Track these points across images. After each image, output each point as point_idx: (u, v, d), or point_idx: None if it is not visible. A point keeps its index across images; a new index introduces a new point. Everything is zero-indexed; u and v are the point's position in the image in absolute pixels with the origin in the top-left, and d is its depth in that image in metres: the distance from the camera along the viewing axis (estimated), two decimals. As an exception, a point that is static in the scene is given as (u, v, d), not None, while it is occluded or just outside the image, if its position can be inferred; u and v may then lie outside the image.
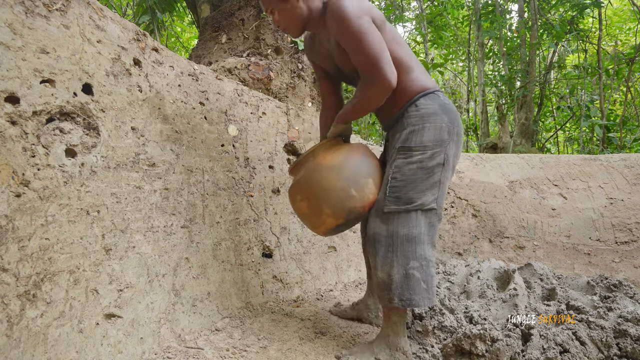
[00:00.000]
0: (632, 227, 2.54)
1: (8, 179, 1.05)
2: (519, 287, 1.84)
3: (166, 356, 1.36)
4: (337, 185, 1.43)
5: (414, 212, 1.40)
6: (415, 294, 1.38)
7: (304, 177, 1.51)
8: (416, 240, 1.39)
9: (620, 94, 7.26)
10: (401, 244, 1.39)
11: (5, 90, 1.06)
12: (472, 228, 2.96)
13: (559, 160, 3.08)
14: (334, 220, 1.47)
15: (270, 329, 1.68)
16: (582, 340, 1.44)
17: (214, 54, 2.70)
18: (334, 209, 1.44)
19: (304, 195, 1.50)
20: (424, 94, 1.47)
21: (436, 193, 1.42)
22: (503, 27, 6.63)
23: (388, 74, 1.36)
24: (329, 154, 1.51)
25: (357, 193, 1.44)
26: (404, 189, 1.41)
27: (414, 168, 1.41)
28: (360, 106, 1.48)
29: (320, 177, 1.46)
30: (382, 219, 1.42)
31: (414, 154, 1.42)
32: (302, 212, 1.53)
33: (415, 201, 1.39)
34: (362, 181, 1.45)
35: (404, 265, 1.38)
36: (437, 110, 1.44)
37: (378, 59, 1.36)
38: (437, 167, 1.42)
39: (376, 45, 1.36)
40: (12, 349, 1.02)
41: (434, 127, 1.43)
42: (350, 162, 1.47)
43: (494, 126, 9.19)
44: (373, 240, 1.44)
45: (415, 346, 1.56)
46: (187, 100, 1.74)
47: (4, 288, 1.02)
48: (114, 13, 1.48)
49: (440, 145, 1.42)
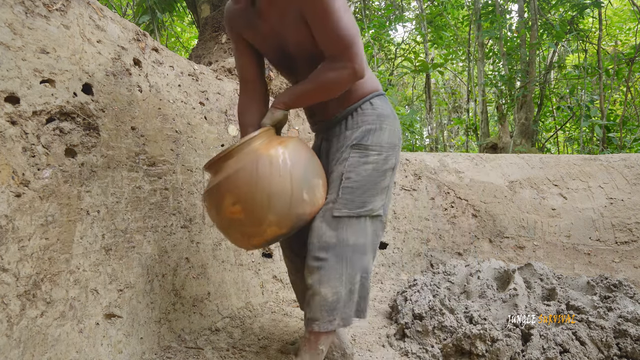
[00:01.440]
0: (632, 227, 2.54)
1: (8, 179, 1.05)
2: (519, 287, 1.84)
3: (166, 356, 1.36)
4: (287, 187, 1.16)
5: (363, 219, 1.26)
6: (352, 310, 1.26)
7: (239, 175, 1.16)
8: (363, 250, 1.26)
9: (620, 94, 7.26)
10: (351, 254, 1.23)
11: (5, 90, 1.06)
12: (472, 228, 2.96)
13: (559, 160, 3.08)
14: (278, 229, 1.18)
15: (270, 329, 1.68)
16: (582, 340, 1.44)
17: (214, 54, 2.70)
18: (280, 216, 1.16)
19: (238, 197, 1.16)
20: (377, 93, 1.37)
21: (384, 199, 1.32)
22: (503, 27, 6.63)
23: (361, 60, 1.21)
24: (273, 148, 1.19)
25: (308, 197, 1.20)
26: (357, 191, 1.26)
27: (369, 169, 1.28)
28: (319, 91, 1.26)
29: (265, 176, 1.15)
30: (331, 224, 1.22)
31: (371, 153, 1.29)
32: (232, 219, 1.18)
33: (367, 205, 1.26)
34: (314, 182, 1.22)
35: (350, 280, 1.23)
36: (391, 114, 1.37)
37: (354, 43, 1.19)
38: (388, 171, 1.32)
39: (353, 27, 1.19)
40: (12, 349, 1.02)
41: (389, 129, 1.34)
42: (300, 160, 1.21)
43: (494, 126, 9.19)
44: (318, 250, 1.22)
45: (416, 346, 1.56)
46: (187, 100, 1.74)
47: (4, 288, 1.02)
48: (114, 13, 1.48)
49: (393, 149, 1.34)
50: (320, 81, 1.24)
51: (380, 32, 6.27)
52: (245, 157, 1.18)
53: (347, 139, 1.32)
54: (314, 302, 1.22)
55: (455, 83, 10.97)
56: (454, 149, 10.14)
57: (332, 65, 1.21)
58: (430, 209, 3.03)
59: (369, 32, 6.27)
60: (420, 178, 3.06)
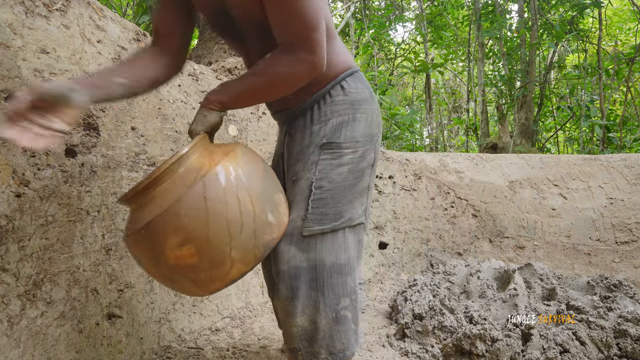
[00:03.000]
0: (632, 227, 2.54)
1: (8, 179, 1.05)
2: (519, 287, 1.84)
3: (166, 356, 1.36)
4: (249, 210, 0.90)
5: (341, 231, 1.03)
6: (348, 341, 1.03)
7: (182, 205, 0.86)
8: (346, 269, 1.03)
9: (620, 94, 7.26)
10: (329, 277, 1.00)
11: (5, 90, 1.06)
12: (472, 228, 2.96)
13: (559, 160, 3.08)
14: (243, 266, 0.93)
15: (270, 329, 1.68)
16: (582, 340, 1.44)
17: (214, 54, 2.70)
18: (245, 249, 0.90)
19: (187, 236, 0.86)
20: (350, 72, 1.10)
21: (365, 202, 1.09)
22: (503, 27, 6.63)
23: (322, 52, 0.96)
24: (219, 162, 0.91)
25: (274, 217, 0.96)
26: (331, 201, 1.02)
27: (344, 172, 1.04)
28: (268, 88, 1.01)
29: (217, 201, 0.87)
30: (300, 246, 1.00)
31: (345, 152, 1.05)
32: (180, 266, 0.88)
33: (344, 215, 1.03)
34: (276, 199, 0.98)
35: (333, 306, 1.00)
36: (368, 96, 1.11)
37: (315, 29, 0.93)
38: (367, 169, 1.09)
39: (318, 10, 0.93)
40: (12, 349, 1.02)
41: (364, 118, 1.09)
42: (255, 172, 0.97)
43: (494, 126, 9.19)
44: (288, 277, 1.00)
45: (416, 346, 1.56)
46: (187, 100, 1.74)
47: (4, 288, 1.02)
48: (114, 13, 1.48)
49: (370, 142, 1.09)
50: (270, 76, 0.98)
51: (380, 32, 6.27)
52: (185, 180, 0.88)
53: (315, 136, 1.07)
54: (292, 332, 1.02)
55: (455, 83, 10.97)
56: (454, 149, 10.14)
57: (286, 57, 0.96)
58: (430, 209, 3.03)
59: (369, 32, 6.27)
60: (420, 178, 3.06)
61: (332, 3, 7.69)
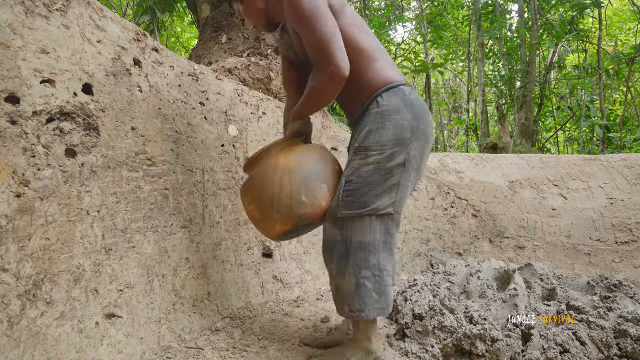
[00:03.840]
0: (632, 227, 2.54)
1: (8, 179, 1.05)
2: (519, 287, 1.84)
3: (166, 356, 1.36)
4: (286, 189, 1.31)
5: (367, 217, 1.29)
6: (365, 305, 1.29)
7: (254, 178, 1.39)
8: (369, 247, 1.29)
9: (620, 94, 7.26)
10: (354, 251, 1.30)
11: (5, 90, 1.06)
12: (472, 228, 2.96)
13: (559, 160, 3.08)
14: (283, 226, 1.36)
15: (270, 329, 1.68)
16: (582, 340, 1.44)
17: (214, 54, 2.70)
18: (282, 214, 1.33)
19: (253, 197, 1.39)
20: (386, 88, 1.35)
21: (394, 197, 1.31)
22: (503, 27, 6.63)
23: (338, 60, 1.23)
24: (282, 155, 1.36)
25: (307, 199, 1.32)
26: (358, 192, 1.30)
27: (370, 169, 1.30)
28: (311, 98, 1.34)
29: (270, 179, 1.33)
30: (337, 224, 1.33)
31: (371, 154, 1.31)
32: (251, 215, 1.43)
33: (369, 205, 1.29)
34: (313, 186, 1.33)
35: (355, 274, 1.29)
36: (400, 107, 1.33)
37: (327, 43, 1.23)
38: (397, 168, 1.30)
39: (327, 28, 1.23)
40: (12, 349, 1.02)
41: (394, 125, 1.31)
42: (302, 165, 1.34)
43: (494, 126, 9.19)
44: (328, 247, 1.37)
45: (416, 346, 1.56)
46: (187, 100, 1.74)
47: (4, 288, 1.02)
48: (114, 13, 1.48)
49: (401, 145, 1.31)
50: (310, 88, 1.33)
51: (380, 32, 6.27)
52: (261, 163, 1.39)
53: (354, 142, 1.38)
54: (331, 290, 1.40)
55: (455, 83, 10.97)
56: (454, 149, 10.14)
57: (314, 70, 1.31)
58: (430, 209, 3.03)
59: (369, 32, 6.26)
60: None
61: (332, 3, 7.68)
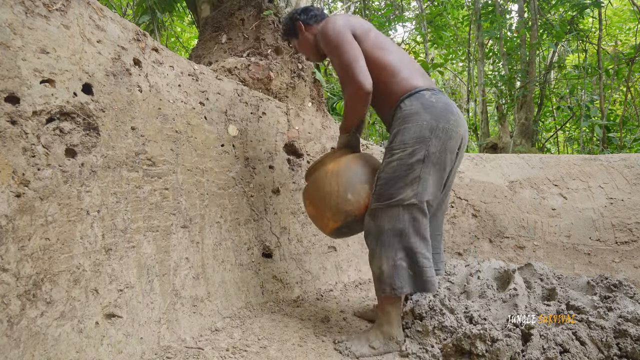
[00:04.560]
0: (632, 227, 2.54)
1: (8, 179, 1.05)
2: (519, 287, 1.84)
3: (166, 356, 1.36)
4: (335, 190, 1.58)
5: (395, 208, 1.48)
6: (405, 282, 1.48)
7: (310, 183, 1.70)
8: (401, 233, 1.48)
9: (620, 94, 7.26)
10: (387, 237, 1.49)
11: (5, 90, 1.06)
12: (472, 228, 2.96)
13: (559, 160, 3.08)
14: (334, 223, 1.62)
15: (270, 329, 1.68)
16: (582, 340, 1.44)
17: (214, 54, 2.70)
18: (333, 212, 1.59)
19: (310, 199, 1.69)
20: (407, 95, 1.55)
21: (416, 188, 1.48)
22: (503, 27, 6.63)
23: (360, 79, 1.50)
24: (332, 162, 1.65)
25: (352, 197, 1.56)
26: (385, 186, 1.50)
27: (394, 165, 1.50)
28: (346, 112, 1.62)
29: (322, 183, 1.62)
30: (371, 215, 1.54)
31: (395, 152, 1.51)
32: (310, 215, 1.72)
33: (395, 197, 1.48)
34: (358, 187, 1.57)
35: (392, 257, 1.49)
36: (419, 109, 1.51)
37: (350, 66, 1.53)
38: (417, 163, 1.48)
39: (350, 54, 1.54)
40: (12, 349, 1.02)
41: (414, 125, 1.50)
42: (349, 169, 1.60)
43: (494, 126, 9.19)
44: (366, 236, 1.58)
45: (416, 346, 1.56)
46: (187, 100, 1.74)
47: (4, 288, 1.02)
48: (114, 13, 1.48)
49: (421, 142, 1.48)
50: (344, 104, 1.62)
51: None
52: (317, 170, 1.69)
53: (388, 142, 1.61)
54: (372, 275, 1.58)
55: (455, 83, 10.96)
56: (454, 149, 10.09)
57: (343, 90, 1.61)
58: (430, 209, 3.02)
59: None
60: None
61: (332, 3, 7.69)
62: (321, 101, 2.78)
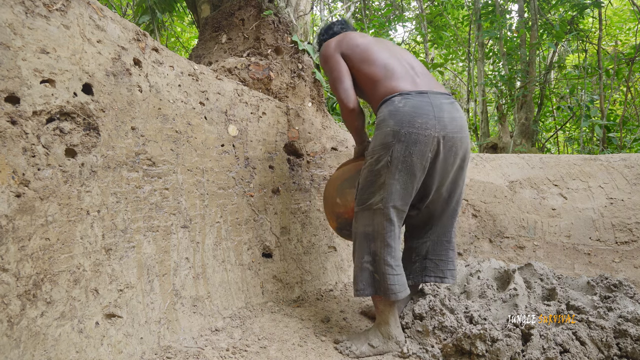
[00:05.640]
0: (632, 227, 2.54)
1: (8, 179, 1.05)
2: (519, 287, 1.84)
3: (166, 356, 1.36)
4: (331, 195, 1.80)
5: (367, 211, 1.55)
6: (367, 284, 1.55)
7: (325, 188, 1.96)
8: (369, 237, 1.55)
9: (620, 94, 7.26)
10: (360, 240, 1.58)
11: (5, 90, 1.06)
12: (472, 228, 2.96)
13: (559, 160, 3.08)
14: (332, 223, 1.85)
15: (270, 329, 1.68)
16: (582, 340, 1.44)
17: (214, 54, 2.70)
18: (329, 214, 1.84)
19: (323, 202, 2.02)
20: (382, 102, 1.60)
21: (382, 194, 1.52)
22: (503, 27, 6.63)
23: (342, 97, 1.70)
24: (336, 171, 1.88)
25: (341, 201, 1.74)
26: (361, 192, 1.60)
27: (365, 172, 1.58)
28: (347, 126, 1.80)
29: (326, 188, 1.89)
30: (354, 218, 1.64)
31: (367, 159, 1.59)
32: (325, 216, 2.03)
33: (367, 202, 1.56)
34: (347, 191, 1.73)
35: (359, 259, 1.57)
36: (385, 116, 1.54)
37: (335, 87, 1.73)
38: (383, 169, 1.51)
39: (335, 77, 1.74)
40: (12, 349, 1.02)
41: (380, 132, 1.54)
42: (342, 176, 1.79)
43: (494, 126, 9.19)
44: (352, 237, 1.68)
45: (416, 346, 1.56)
46: (187, 100, 1.74)
47: (4, 288, 1.02)
48: (114, 13, 1.48)
49: (385, 149, 1.51)
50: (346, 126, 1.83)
51: (380, 32, 6.27)
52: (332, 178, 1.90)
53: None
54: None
55: (455, 83, 10.96)
56: (454, 149, 10.08)
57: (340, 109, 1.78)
58: (430, 209, 3.02)
59: (369, 32, 6.27)
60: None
61: (332, 3, 7.69)
62: (321, 101, 2.78)
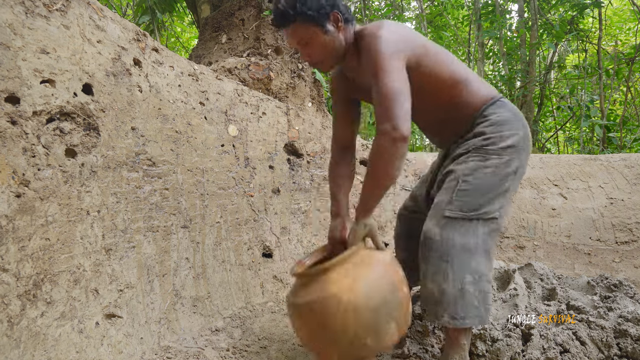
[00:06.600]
0: (632, 227, 2.54)
1: (8, 179, 1.05)
2: (519, 287, 1.84)
3: (166, 356, 1.36)
4: (350, 330, 1.08)
5: (475, 221, 1.27)
6: (469, 312, 1.24)
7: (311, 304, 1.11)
8: (472, 251, 1.25)
9: (620, 94, 7.26)
10: (457, 254, 1.24)
11: (5, 90, 1.06)
12: (472, 228, 2.95)
13: (559, 160, 3.08)
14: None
15: (270, 329, 1.68)
16: (582, 340, 1.44)
17: (214, 54, 2.70)
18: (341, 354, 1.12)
19: (307, 325, 1.14)
20: (490, 103, 1.38)
21: (502, 202, 1.31)
22: (503, 27, 6.63)
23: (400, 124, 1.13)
24: (346, 281, 1.11)
25: (373, 342, 1.10)
26: (473, 194, 1.28)
27: (488, 172, 1.30)
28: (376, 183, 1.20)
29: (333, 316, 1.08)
30: (439, 222, 1.28)
31: (492, 157, 1.31)
32: (304, 342, 1.21)
33: (482, 208, 1.27)
34: (381, 326, 1.11)
35: (460, 279, 1.23)
36: (511, 117, 1.36)
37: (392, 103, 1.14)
38: (510, 174, 1.32)
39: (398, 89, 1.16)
40: (12, 349, 1.02)
41: (510, 133, 1.34)
42: (370, 299, 1.10)
43: (494, 126, 9.16)
44: (424, 244, 1.29)
45: (416, 346, 1.56)
46: (187, 100, 1.74)
47: (5, 288, 1.02)
48: (114, 13, 1.48)
49: (516, 153, 1.33)
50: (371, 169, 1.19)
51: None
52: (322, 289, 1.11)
53: (470, 146, 1.36)
54: (423, 293, 1.32)
55: (455, 83, 10.94)
56: (454, 149, 10.09)
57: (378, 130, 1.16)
58: (430, 209, 3.02)
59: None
60: (420, 178, 3.05)
61: (332, 3, 7.67)
62: (321, 101, 2.78)
